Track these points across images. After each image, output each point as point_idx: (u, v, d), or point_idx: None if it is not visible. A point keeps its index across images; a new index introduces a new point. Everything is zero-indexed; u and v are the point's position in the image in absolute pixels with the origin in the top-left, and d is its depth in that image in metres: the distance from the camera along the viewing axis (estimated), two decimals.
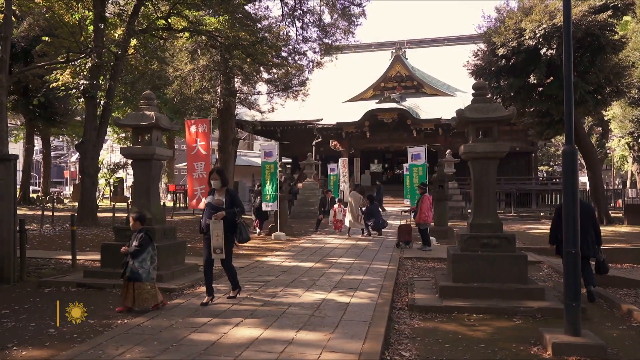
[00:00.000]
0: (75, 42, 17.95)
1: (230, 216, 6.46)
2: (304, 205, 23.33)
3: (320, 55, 22.71)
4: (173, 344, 4.88)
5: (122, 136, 34.53)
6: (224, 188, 6.65)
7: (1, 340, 5.15)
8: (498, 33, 17.85)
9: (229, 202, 6.55)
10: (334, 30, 21.54)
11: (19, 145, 33.35)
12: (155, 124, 8.18)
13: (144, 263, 6.22)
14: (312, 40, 21.41)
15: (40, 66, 19.98)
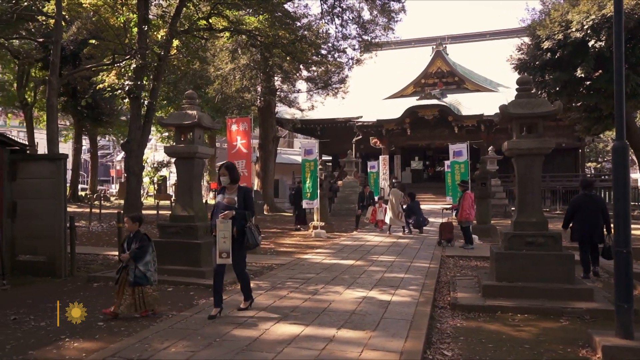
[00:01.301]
0: (120, 44, 18.43)
1: (240, 216, 5.78)
2: (344, 202, 23.29)
3: (359, 52, 22.62)
4: (216, 339, 4.96)
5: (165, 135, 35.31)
6: (236, 186, 5.98)
7: (55, 332, 5.35)
8: (543, 26, 17.33)
9: (242, 202, 5.87)
10: (373, 27, 21.39)
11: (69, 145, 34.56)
12: (197, 123, 8.32)
13: (149, 265, 5.91)
14: (351, 38, 21.34)
15: (88, 68, 20.66)
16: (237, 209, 5.79)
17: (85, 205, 24.42)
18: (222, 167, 5.94)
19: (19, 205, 8.55)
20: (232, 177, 5.92)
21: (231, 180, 5.91)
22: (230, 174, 5.92)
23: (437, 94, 29.97)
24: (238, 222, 5.74)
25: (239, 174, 6.10)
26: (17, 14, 17.13)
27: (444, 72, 34.18)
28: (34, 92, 27.21)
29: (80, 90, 25.26)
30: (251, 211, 5.93)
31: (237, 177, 6.03)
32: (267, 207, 23.53)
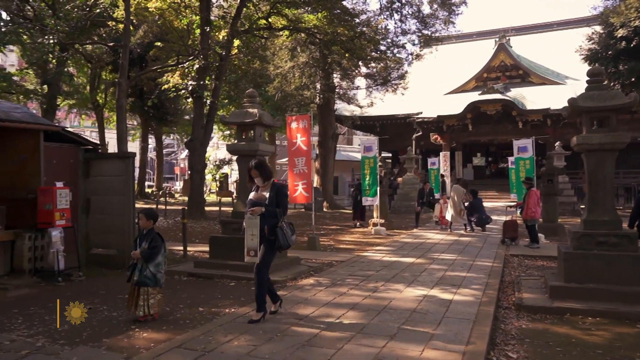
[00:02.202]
0: (184, 46, 19.07)
1: (270, 214, 5.39)
2: (404, 200, 23.04)
3: (419, 47, 22.27)
4: (277, 334, 5.03)
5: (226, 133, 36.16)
6: (269, 182, 5.60)
7: (126, 322, 5.61)
8: (617, 13, 16.44)
9: (273, 198, 5.47)
10: (433, 21, 21.01)
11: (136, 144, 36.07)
12: (258, 121, 8.46)
13: (160, 267, 5.62)
14: (410, 33, 21.06)
15: (154, 70, 21.48)
16: (268, 205, 5.43)
17: (151, 201, 25.40)
18: (252, 168, 5.56)
19: (92, 201, 9.02)
20: (264, 175, 5.56)
21: (264, 179, 5.56)
22: (262, 172, 5.56)
23: (500, 88, 29.04)
24: (269, 221, 5.38)
25: (270, 169, 5.70)
26: (91, 21, 18.02)
27: (507, 66, 33.07)
28: (105, 94, 28.56)
29: (147, 91, 26.32)
30: (283, 209, 5.51)
31: (270, 174, 5.65)
32: (326, 204, 23.63)
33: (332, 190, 25.47)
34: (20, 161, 8.11)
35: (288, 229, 5.44)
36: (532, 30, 39.40)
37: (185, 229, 10.35)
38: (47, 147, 8.21)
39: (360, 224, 16.13)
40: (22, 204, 8.00)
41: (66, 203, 7.88)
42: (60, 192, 7.78)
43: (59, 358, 4.40)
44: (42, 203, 7.77)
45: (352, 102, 26.65)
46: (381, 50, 20.86)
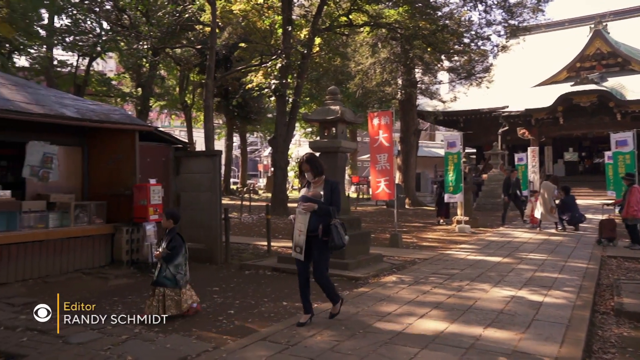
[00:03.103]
0: (267, 46, 19.54)
1: (324, 212, 5.12)
2: (490, 197, 22.25)
3: (505, 39, 21.35)
4: (360, 331, 5.03)
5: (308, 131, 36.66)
6: (322, 178, 5.32)
7: (214, 313, 5.84)
8: None
9: (329, 195, 5.22)
10: (520, 10, 20.02)
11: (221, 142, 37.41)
12: (340, 118, 8.48)
13: (180, 268, 5.52)
14: (496, 23, 20.20)
15: (238, 70, 22.19)
16: (322, 203, 5.17)
17: (236, 198, 26.27)
18: (303, 162, 5.32)
19: (182, 197, 9.46)
20: (315, 170, 5.28)
21: (316, 174, 5.29)
22: (313, 167, 5.28)
23: (596, 78, 27.23)
24: (323, 219, 5.11)
25: (322, 164, 5.40)
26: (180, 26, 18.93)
27: (603, 54, 30.95)
28: (193, 94, 29.90)
29: (232, 91, 27.26)
30: (337, 206, 5.24)
31: (321, 169, 5.35)
32: (408, 200, 23.34)
33: (414, 187, 25.10)
34: (118, 160, 8.67)
35: (341, 228, 5.16)
36: (634, 13, 36.53)
37: (269, 224, 10.60)
38: (141, 146, 8.71)
39: (444, 221, 15.77)
40: (120, 199, 8.55)
41: (159, 199, 8.33)
42: (154, 188, 8.24)
43: (155, 344, 4.65)
44: (138, 199, 8.27)
45: (434, 97, 26.09)
46: (465, 43, 20.21)
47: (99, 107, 9.38)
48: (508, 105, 29.84)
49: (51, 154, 8.21)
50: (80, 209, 8.20)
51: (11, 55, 19.14)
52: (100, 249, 8.31)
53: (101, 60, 23.69)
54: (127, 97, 25.33)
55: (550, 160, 29.96)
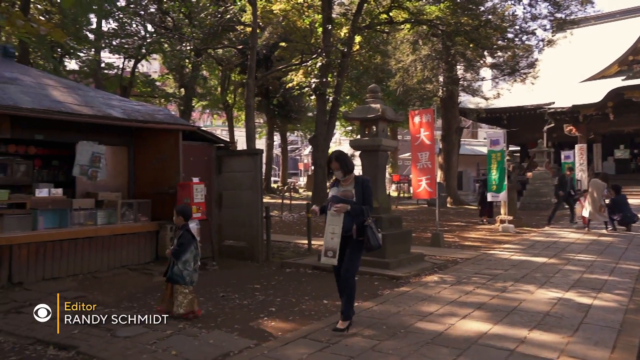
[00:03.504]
0: (307, 45, 19.61)
1: (357, 212, 4.93)
2: (534, 195, 21.68)
3: (551, 33, 20.71)
4: (400, 330, 4.99)
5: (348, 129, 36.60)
6: (351, 176, 5.12)
7: (255, 310, 5.91)
8: None
9: (360, 194, 4.99)
10: (568, 3, 19.38)
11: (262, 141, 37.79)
12: (380, 116, 8.43)
13: (188, 265, 5.49)
14: (541, 17, 19.62)
15: (279, 69, 22.36)
16: (355, 203, 4.97)
17: (277, 196, 26.49)
18: (332, 159, 5.10)
19: (224, 195, 9.61)
20: (344, 168, 5.05)
21: (345, 172, 5.07)
22: (342, 164, 5.04)
23: None
24: (357, 220, 4.92)
25: (351, 161, 5.17)
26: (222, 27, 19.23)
27: None
28: (234, 94, 30.31)
29: (272, 90, 27.50)
30: (369, 205, 5.03)
31: (351, 167, 5.11)
32: (450, 199, 23.00)
33: (456, 186, 24.71)
34: (162, 159, 8.88)
35: (375, 227, 4.97)
36: None
37: (310, 223, 10.65)
38: (185, 145, 8.89)
39: (487, 220, 15.45)
40: (165, 198, 8.75)
41: (202, 197, 8.49)
42: (197, 187, 8.40)
43: (198, 340, 4.75)
44: (181, 197, 8.44)
45: (476, 94, 25.58)
46: (508, 38, 19.73)
47: (144, 107, 9.63)
48: (554, 102, 28.95)
49: (99, 153, 8.48)
50: (127, 207, 8.44)
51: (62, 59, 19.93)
52: (145, 246, 8.54)
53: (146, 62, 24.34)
54: (171, 98, 25.93)
55: (599, 157, 28.93)
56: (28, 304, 5.93)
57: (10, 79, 8.16)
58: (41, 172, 9.06)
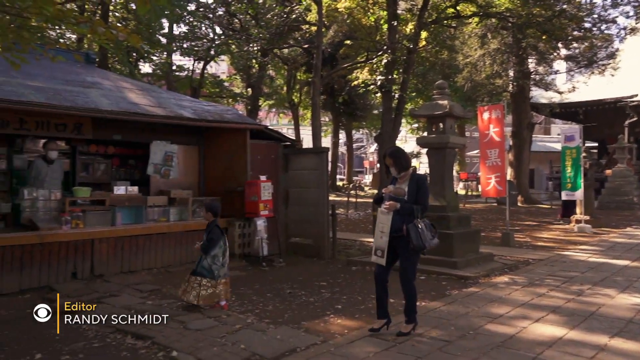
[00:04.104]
0: (372, 42, 19.49)
1: (406, 211, 4.69)
2: (614, 194, 20.50)
3: (635, 20, 19.43)
4: (469, 332, 4.86)
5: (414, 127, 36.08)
6: (407, 173, 4.85)
7: (322, 307, 5.95)
8: None
9: (414, 193, 4.76)
10: None
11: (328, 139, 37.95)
12: (448, 113, 8.26)
13: (217, 259, 5.60)
14: (623, 4, 18.42)
15: (344, 67, 22.37)
16: (405, 201, 4.74)
17: (343, 194, 26.51)
18: (386, 155, 4.93)
19: (291, 193, 9.73)
20: (399, 165, 4.84)
21: (400, 169, 4.85)
22: (396, 161, 4.84)
23: None
24: (407, 219, 4.67)
25: (408, 158, 4.95)
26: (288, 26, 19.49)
27: None
28: (300, 93, 30.61)
29: (337, 89, 27.56)
30: (423, 205, 4.77)
31: (407, 164, 4.87)
32: (521, 198, 22.19)
33: (527, 184, 23.79)
34: (231, 157, 9.11)
35: (426, 228, 4.68)
36: None
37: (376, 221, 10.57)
38: (252, 144, 9.08)
39: (562, 220, 14.76)
40: (233, 195, 8.98)
41: (269, 195, 8.64)
42: (264, 185, 8.56)
43: (265, 334, 4.84)
44: (249, 195, 8.64)
45: (549, 88, 24.46)
46: (585, 28, 18.69)
47: (213, 107, 9.92)
48: (637, 94, 27.21)
49: (172, 152, 8.83)
50: (197, 204, 8.72)
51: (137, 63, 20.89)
52: None
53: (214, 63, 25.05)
54: (238, 97, 26.56)
55: None
56: (108, 295, 6.27)
57: (91, 83, 8.66)
58: (119, 170, 9.57)
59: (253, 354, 4.34)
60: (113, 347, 4.61)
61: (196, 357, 4.26)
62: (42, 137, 7.95)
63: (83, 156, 8.93)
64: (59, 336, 4.79)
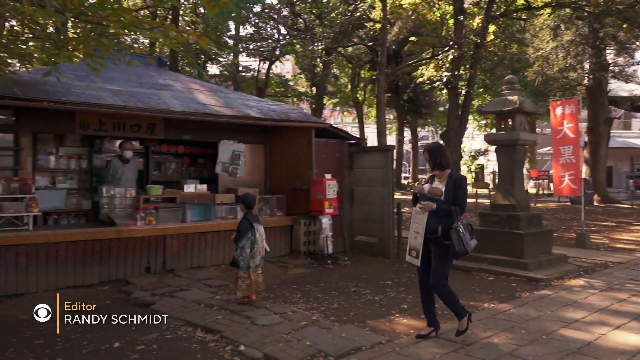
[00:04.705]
0: (438, 38, 19.12)
1: (443, 212, 4.51)
2: None
3: None
4: (542, 336, 4.67)
5: (481, 123, 35.11)
6: (446, 172, 4.66)
7: (387, 306, 5.90)
8: None
9: (450, 192, 4.55)
10: None
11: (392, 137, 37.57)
12: (518, 109, 7.97)
13: (243, 251, 5.75)
14: None
15: (409, 64, 22.07)
16: (442, 202, 4.56)
17: (408, 192, 26.20)
18: (425, 150, 4.79)
19: (355, 191, 9.72)
20: (434, 162, 4.66)
21: (435, 166, 4.66)
22: (432, 157, 4.66)
23: None
24: (442, 221, 4.48)
25: (447, 156, 4.71)
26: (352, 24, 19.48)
27: None
28: (364, 91, 30.49)
29: (402, 86, 27.23)
30: (460, 205, 4.54)
31: (444, 162, 4.65)
32: (597, 197, 21.04)
33: (604, 182, 22.54)
34: (296, 156, 9.22)
35: (466, 231, 4.46)
36: None
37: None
38: (317, 142, 9.15)
39: None
40: (298, 193, 9.09)
41: (334, 193, 8.67)
42: (329, 183, 8.60)
43: (330, 332, 4.85)
44: (314, 193, 8.70)
45: (630, 80, 23.03)
46: None
47: (278, 107, 10.06)
48: None
49: (239, 151, 9.05)
50: (264, 202, 8.89)
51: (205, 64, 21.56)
52: (280, 240, 8.93)
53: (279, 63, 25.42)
54: (303, 96, 26.81)
55: None
56: (179, 289, 6.50)
57: (163, 85, 9.02)
58: (189, 169, 9.92)
59: (318, 351, 4.36)
60: (184, 339, 4.78)
61: (263, 352, 4.34)
62: (118, 137, 8.37)
63: (155, 155, 9.32)
64: (134, 327, 5.02)
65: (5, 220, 6.50)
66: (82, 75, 7.79)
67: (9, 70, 6.48)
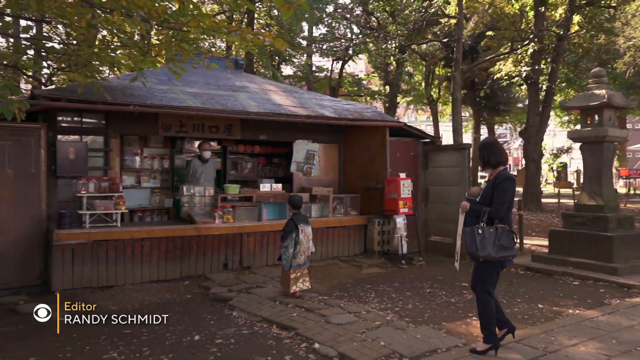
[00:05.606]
0: (517, 31, 18.38)
1: (474, 213, 4.26)
2: None
3: None
4: (636, 347, 4.37)
5: (564, 120, 33.40)
6: (497, 170, 4.28)
7: (463, 309, 5.76)
8: None
9: (488, 192, 4.24)
10: None
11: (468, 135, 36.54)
12: (606, 103, 7.49)
13: (286, 250, 5.95)
14: None
15: (486, 60, 21.38)
16: (475, 202, 4.30)
17: None
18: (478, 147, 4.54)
19: (430, 191, 9.54)
20: (482, 159, 4.37)
21: (485, 164, 4.35)
22: (481, 155, 4.35)
23: None
24: (475, 222, 4.22)
25: (497, 153, 4.32)
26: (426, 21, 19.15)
27: None
28: (438, 88, 29.88)
29: (478, 82, 26.39)
30: (496, 207, 4.13)
31: (492, 159, 4.29)
32: None
33: None
34: (370, 155, 9.17)
35: (491, 236, 4.09)
36: None
37: (522, 221, 9.98)
38: (391, 141, 9.06)
39: None
40: (372, 193, 9.05)
41: (408, 192, 8.55)
42: (404, 182, 8.49)
43: (405, 333, 4.79)
44: (388, 192, 8.63)
45: None
46: None
47: (352, 106, 10.06)
48: None
49: (313, 151, 9.14)
50: (338, 201, 8.92)
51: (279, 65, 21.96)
52: (354, 239, 8.93)
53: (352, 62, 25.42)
54: (376, 95, 26.66)
55: None
56: (255, 286, 6.66)
57: (240, 87, 9.28)
58: (264, 169, 10.14)
59: (393, 352, 4.32)
60: (260, 335, 4.89)
61: (337, 350, 4.35)
62: (198, 138, 8.69)
63: (232, 155, 9.61)
64: (214, 321, 5.20)
65: (96, 217, 6.93)
66: (164, 79, 8.17)
67: (100, 77, 6.92)
